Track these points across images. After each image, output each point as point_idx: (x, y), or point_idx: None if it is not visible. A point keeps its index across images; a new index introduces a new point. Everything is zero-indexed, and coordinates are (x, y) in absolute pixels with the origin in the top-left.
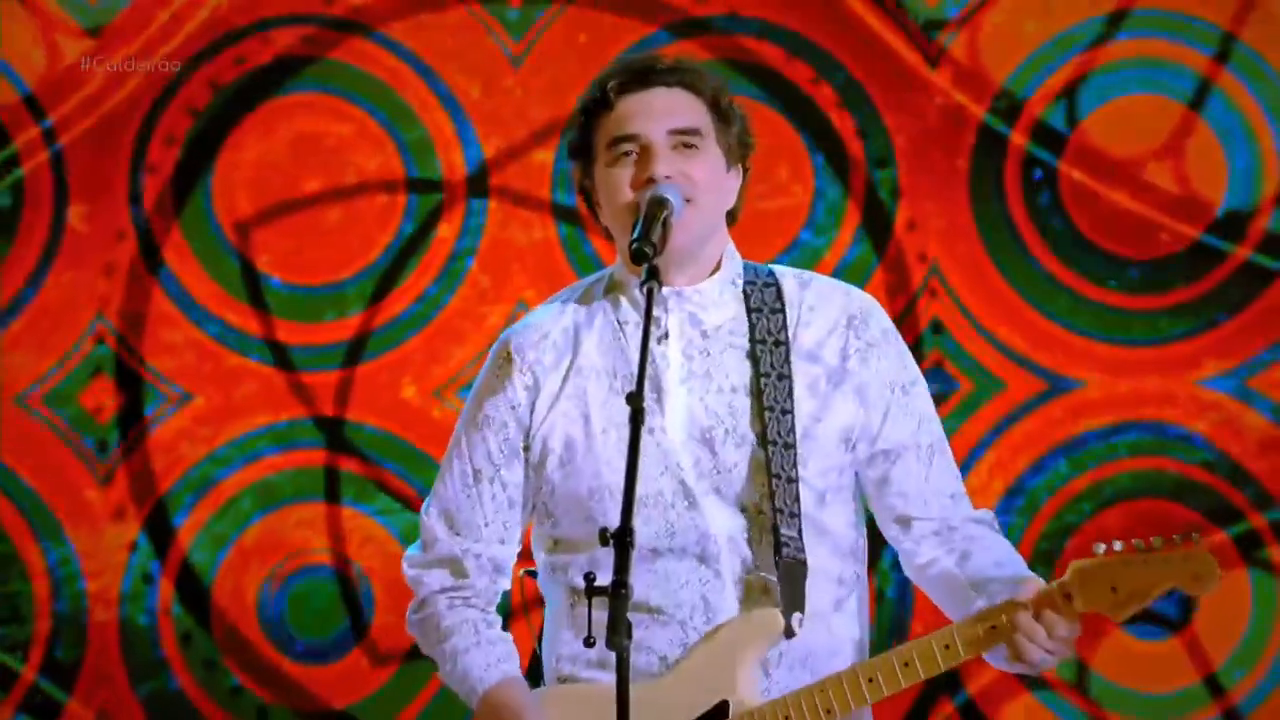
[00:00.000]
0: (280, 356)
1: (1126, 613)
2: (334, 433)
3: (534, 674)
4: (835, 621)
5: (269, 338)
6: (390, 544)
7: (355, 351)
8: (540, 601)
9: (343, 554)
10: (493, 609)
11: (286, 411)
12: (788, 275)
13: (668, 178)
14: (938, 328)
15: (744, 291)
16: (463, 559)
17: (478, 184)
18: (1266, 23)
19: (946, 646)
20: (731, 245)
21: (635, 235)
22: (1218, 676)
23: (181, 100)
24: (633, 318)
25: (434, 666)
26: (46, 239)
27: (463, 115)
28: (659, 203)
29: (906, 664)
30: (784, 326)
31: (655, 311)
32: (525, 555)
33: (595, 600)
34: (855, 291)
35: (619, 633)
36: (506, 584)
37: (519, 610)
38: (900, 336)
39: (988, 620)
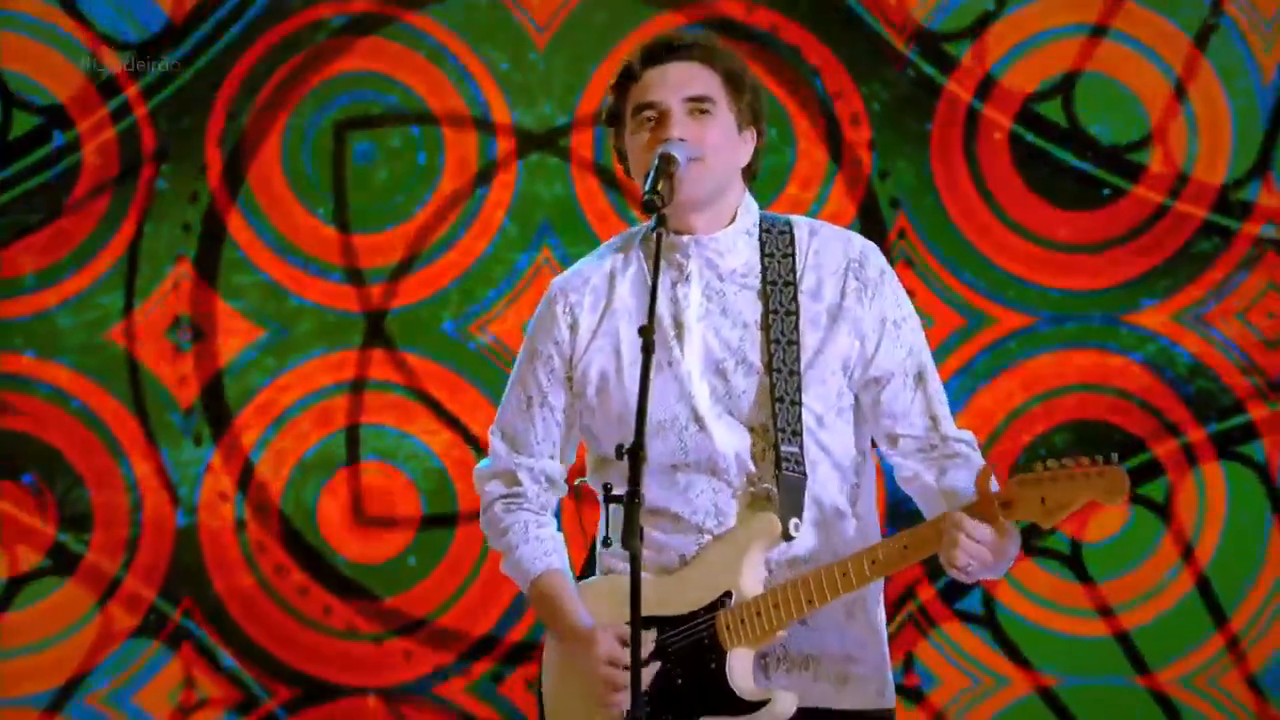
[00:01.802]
0: (341, 289)
1: (1053, 520)
2: (385, 358)
3: (592, 567)
4: (839, 527)
5: (339, 267)
6: (429, 460)
7: (399, 275)
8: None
9: (388, 468)
10: (546, 514)
11: (345, 339)
12: (801, 224)
13: (680, 139)
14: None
15: (760, 239)
16: (516, 471)
17: (512, 143)
18: None
19: (905, 547)
20: (749, 198)
21: (645, 189)
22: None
23: (247, 68)
24: (660, 263)
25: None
26: (132, 188)
27: (498, 85)
28: (668, 159)
29: (873, 561)
30: (793, 269)
31: (678, 257)
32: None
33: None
34: (856, 238)
35: (633, 535)
36: (560, 494)
37: (576, 515)
38: (896, 277)
39: (936, 525)
